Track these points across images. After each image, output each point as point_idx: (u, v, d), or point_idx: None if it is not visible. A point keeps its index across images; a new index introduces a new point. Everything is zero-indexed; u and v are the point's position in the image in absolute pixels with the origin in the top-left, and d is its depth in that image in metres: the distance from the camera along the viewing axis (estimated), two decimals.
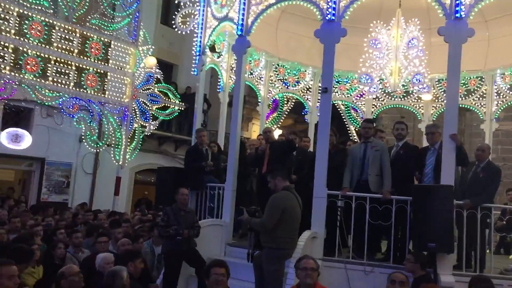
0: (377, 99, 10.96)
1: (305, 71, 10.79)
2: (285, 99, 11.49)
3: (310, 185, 6.50)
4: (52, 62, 11.18)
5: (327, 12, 6.63)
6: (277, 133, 10.83)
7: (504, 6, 7.63)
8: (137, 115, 12.93)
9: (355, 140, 10.55)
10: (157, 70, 13.18)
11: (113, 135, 12.53)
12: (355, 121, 11.43)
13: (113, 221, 8.60)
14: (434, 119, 10.59)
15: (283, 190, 5.61)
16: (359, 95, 10.91)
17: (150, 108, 13.17)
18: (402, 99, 10.87)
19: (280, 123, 12.87)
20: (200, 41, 9.02)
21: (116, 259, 5.24)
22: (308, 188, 6.45)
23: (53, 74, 11.18)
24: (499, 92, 9.78)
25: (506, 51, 9.17)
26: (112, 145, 12.75)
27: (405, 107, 11.27)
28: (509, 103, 9.97)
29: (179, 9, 9.57)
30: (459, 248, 6.23)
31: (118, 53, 12.54)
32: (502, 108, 10.02)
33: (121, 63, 12.61)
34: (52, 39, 11.15)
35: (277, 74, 10.67)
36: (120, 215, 10.04)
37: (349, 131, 11.75)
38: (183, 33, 9.77)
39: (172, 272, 6.35)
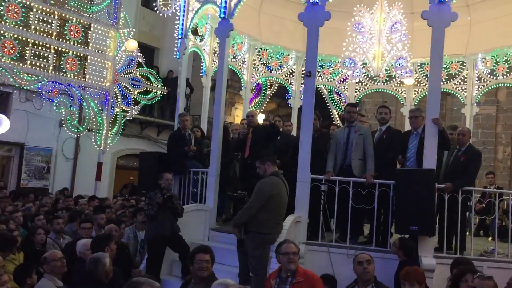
0: (360, 84, 10.97)
1: (288, 55, 10.72)
2: (268, 83, 11.44)
3: (293, 169, 6.50)
4: (30, 45, 10.90)
5: None
6: (260, 117, 10.80)
7: None
8: (119, 100, 12.74)
9: (338, 124, 10.58)
10: (139, 54, 12.96)
11: (94, 119, 12.33)
12: (338, 105, 11.44)
13: (97, 207, 8.53)
14: (416, 103, 10.65)
15: (271, 175, 5.61)
16: (342, 80, 10.90)
17: (132, 92, 12.98)
18: (385, 83, 10.89)
19: (263, 107, 12.83)
20: (182, 24, 8.87)
21: (92, 246, 5.17)
22: (292, 173, 6.45)
23: (31, 57, 10.91)
24: (480, 76, 9.85)
25: (487, 36, 9.23)
26: (93, 130, 12.56)
27: (387, 91, 11.30)
28: (490, 88, 10.07)
29: None
30: (440, 230, 6.31)
31: (98, 36, 12.28)
32: (482, 93, 10.10)
33: (101, 46, 12.35)
34: (30, 21, 10.86)
35: (260, 58, 10.58)
36: (101, 201, 9.94)
37: (332, 116, 11.78)
38: (165, 15, 9.60)
39: (156, 257, 6.32)
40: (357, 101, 11.36)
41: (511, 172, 14.44)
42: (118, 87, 12.72)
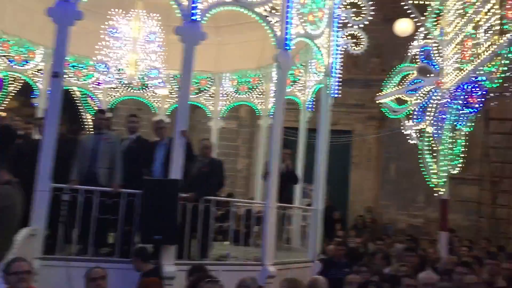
0: (114, 89, 10.71)
1: (36, 50, 9.75)
2: (11, 79, 10.20)
3: (32, 177, 5.88)
4: None
5: None
6: None
7: (234, 16, 8.29)
8: None
9: (91, 129, 10.12)
10: None
11: None
12: (91, 109, 10.94)
13: None
14: (168, 113, 10.97)
15: (4, 184, 4.98)
16: (97, 83, 10.48)
17: None
18: (140, 91, 10.90)
19: (3, 105, 11.40)
20: None
21: None
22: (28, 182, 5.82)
23: None
24: (225, 93, 10.80)
25: (233, 57, 10.17)
26: None
27: (142, 99, 11.36)
28: (233, 104, 11.14)
29: None
30: (182, 238, 6.57)
31: None
32: (227, 108, 11.09)
33: None
34: None
35: (1, 49, 9.35)
36: None
37: (84, 120, 11.20)
38: None
39: None
40: (112, 107, 11.09)
41: (247, 181, 16.09)
42: None
